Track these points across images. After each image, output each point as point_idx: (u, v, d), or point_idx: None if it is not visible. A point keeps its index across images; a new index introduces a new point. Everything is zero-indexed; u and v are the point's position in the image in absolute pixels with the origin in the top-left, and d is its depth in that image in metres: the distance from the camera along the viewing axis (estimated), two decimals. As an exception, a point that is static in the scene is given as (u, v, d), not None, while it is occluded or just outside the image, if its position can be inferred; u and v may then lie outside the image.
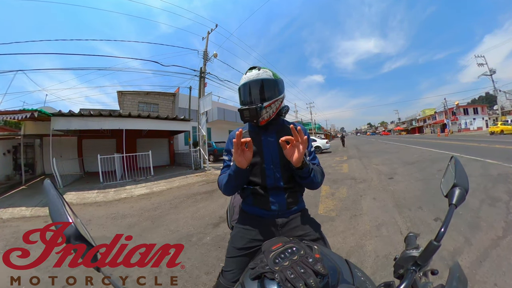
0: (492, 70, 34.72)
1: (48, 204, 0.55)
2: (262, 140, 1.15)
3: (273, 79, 1.12)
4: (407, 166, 7.62)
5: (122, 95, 17.30)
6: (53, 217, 0.54)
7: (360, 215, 3.55)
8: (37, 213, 5.15)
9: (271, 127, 1.16)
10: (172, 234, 3.40)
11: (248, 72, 1.13)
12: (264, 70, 1.12)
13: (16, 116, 6.79)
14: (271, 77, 1.11)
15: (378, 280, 1.90)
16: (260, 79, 1.09)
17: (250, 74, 1.11)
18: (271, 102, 1.10)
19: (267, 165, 1.11)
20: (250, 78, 1.11)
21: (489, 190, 4.05)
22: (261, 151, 1.13)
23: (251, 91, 1.12)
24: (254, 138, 1.14)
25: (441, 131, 40.95)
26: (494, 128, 25.98)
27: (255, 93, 1.11)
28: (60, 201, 0.55)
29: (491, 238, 2.46)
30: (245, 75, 1.13)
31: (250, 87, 1.12)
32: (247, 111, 1.08)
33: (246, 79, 1.12)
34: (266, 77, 1.10)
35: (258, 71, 1.11)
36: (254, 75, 1.10)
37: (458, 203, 0.65)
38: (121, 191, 7.04)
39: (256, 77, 1.10)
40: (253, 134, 1.18)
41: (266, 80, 1.10)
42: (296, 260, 0.59)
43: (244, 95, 1.15)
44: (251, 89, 1.12)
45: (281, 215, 1.09)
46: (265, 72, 1.11)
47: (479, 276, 1.89)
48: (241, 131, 0.96)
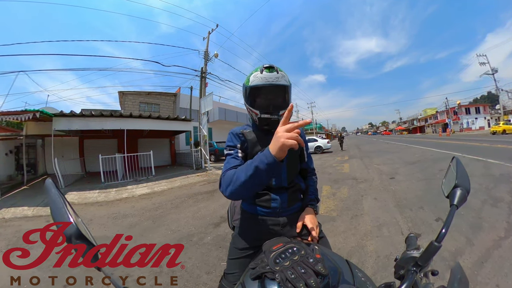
0: (494, 69, 34.58)
1: (49, 204, 0.55)
2: (268, 140, 1.09)
3: (290, 86, 1.03)
4: (408, 166, 7.60)
5: (123, 95, 17.36)
6: (54, 216, 0.54)
7: (361, 215, 3.54)
8: (39, 212, 5.18)
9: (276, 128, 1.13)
10: (173, 234, 3.40)
11: (266, 72, 0.99)
12: (282, 73, 1.00)
13: (19, 116, 6.82)
14: (288, 83, 1.02)
15: (378, 280, 1.89)
16: (281, 85, 0.99)
17: (268, 76, 0.98)
18: (285, 111, 0.92)
19: None
20: (269, 81, 0.98)
21: (491, 190, 4.03)
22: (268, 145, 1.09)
23: (268, 96, 1.02)
24: (260, 138, 1.11)
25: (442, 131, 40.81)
26: (496, 128, 25.84)
27: (274, 99, 1.02)
28: (61, 201, 0.55)
29: (493, 239, 2.44)
30: (261, 74, 0.99)
31: (269, 92, 1.01)
32: (269, 120, 1.02)
33: (264, 80, 0.98)
34: (286, 83, 1.01)
35: (278, 74, 0.98)
36: (273, 78, 0.98)
37: (460, 204, 0.64)
38: (122, 191, 7.06)
39: (277, 82, 0.98)
40: (259, 134, 1.12)
41: (286, 87, 1.01)
42: (297, 260, 0.58)
43: (262, 99, 1.03)
44: (268, 94, 1.01)
45: (282, 212, 1.07)
46: (283, 76, 1.00)
47: (480, 277, 1.88)
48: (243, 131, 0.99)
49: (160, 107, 17.98)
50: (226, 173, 0.93)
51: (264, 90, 1.00)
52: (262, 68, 0.99)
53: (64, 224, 0.53)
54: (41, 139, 11.52)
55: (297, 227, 1.02)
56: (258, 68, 1.01)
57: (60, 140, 11.11)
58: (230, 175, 0.89)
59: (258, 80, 0.98)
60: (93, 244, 0.55)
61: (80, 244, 0.53)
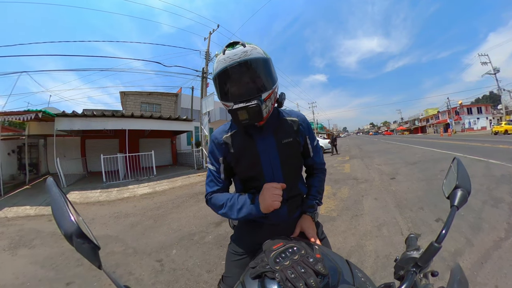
0: (496, 69, 34.40)
1: (51, 203, 0.56)
2: (258, 146, 0.92)
3: (267, 58, 0.81)
4: (409, 166, 7.58)
5: (124, 95, 17.41)
6: (55, 215, 0.54)
7: (361, 215, 3.54)
8: (41, 212, 5.21)
9: (266, 125, 0.91)
10: (174, 233, 3.42)
11: (228, 50, 0.76)
12: (252, 46, 0.78)
13: (21, 116, 6.87)
14: (263, 55, 0.80)
15: (378, 280, 1.90)
16: (251, 58, 0.76)
17: (232, 53, 0.75)
18: (270, 92, 0.81)
19: (268, 178, 0.92)
20: (234, 59, 0.75)
21: (492, 191, 4.01)
22: (258, 161, 0.92)
23: (239, 79, 0.78)
24: (245, 145, 0.93)
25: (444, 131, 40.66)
26: (498, 128, 25.68)
27: (246, 81, 0.79)
28: (62, 200, 0.56)
29: (493, 240, 2.44)
30: (223, 55, 0.76)
31: (237, 73, 0.77)
32: (244, 111, 0.76)
33: (227, 60, 0.76)
34: (258, 55, 0.78)
35: (245, 48, 0.76)
36: (239, 53, 0.75)
37: (460, 204, 0.64)
38: (123, 190, 7.08)
39: (244, 57, 0.75)
40: (243, 138, 0.93)
41: (259, 60, 0.78)
42: (297, 260, 0.59)
43: (230, 85, 0.80)
44: (238, 76, 0.78)
45: (282, 224, 1.00)
46: (254, 49, 0.78)
47: (480, 278, 1.88)
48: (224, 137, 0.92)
49: (161, 107, 18.03)
50: (212, 198, 0.96)
51: (230, 73, 0.77)
52: (224, 48, 0.79)
53: (66, 223, 0.53)
54: (43, 139, 11.58)
55: (294, 233, 0.94)
56: (221, 50, 0.80)
57: (62, 140, 11.17)
58: (218, 203, 0.92)
59: (222, 63, 0.77)
60: (94, 243, 0.56)
61: (82, 243, 0.54)
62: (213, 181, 1.00)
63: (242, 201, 0.87)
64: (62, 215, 0.54)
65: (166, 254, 2.76)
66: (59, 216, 0.54)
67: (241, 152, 0.93)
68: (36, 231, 3.92)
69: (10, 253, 3.07)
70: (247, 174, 0.96)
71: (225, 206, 0.90)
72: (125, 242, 3.16)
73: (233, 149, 0.94)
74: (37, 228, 4.06)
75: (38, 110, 6.99)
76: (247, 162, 0.93)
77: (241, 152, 0.93)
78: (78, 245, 0.54)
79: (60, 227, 0.54)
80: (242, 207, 0.86)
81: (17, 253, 3.05)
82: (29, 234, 3.77)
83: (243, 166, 0.94)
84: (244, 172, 0.96)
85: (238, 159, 0.94)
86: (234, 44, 0.78)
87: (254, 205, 0.83)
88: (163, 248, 2.91)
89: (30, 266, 2.67)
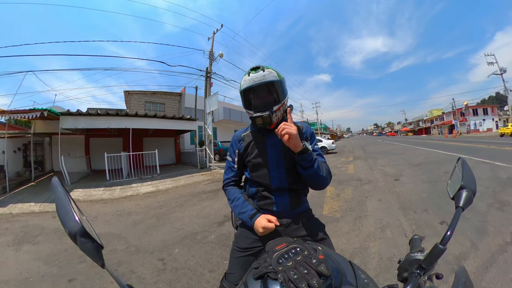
0: (503, 69, 33.94)
1: (55, 201, 0.57)
2: (266, 141, 1.13)
3: (279, 80, 1.06)
4: (413, 167, 7.51)
5: (128, 94, 17.51)
6: (59, 213, 0.55)
7: (365, 216, 3.52)
8: (45, 208, 5.27)
9: (275, 128, 1.08)
10: (177, 232, 3.43)
11: (252, 74, 1.04)
12: (269, 70, 1.05)
13: (27, 115, 6.95)
14: (277, 78, 1.05)
15: (381, 282, 1.88)
16: (267, 81, 1.03)
17: (254, 76, 1.03)
18: (280, 105, 1.06)
19: (272, 166, 1.10)
20: (255, 80, 1.03)
21: (498, 194, 3.96)
22: (265, 152, 1.12)
23: (258, 95, 1.07)
24: (257, 140, 1.16)
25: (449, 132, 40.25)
26: (504, 130, 25.33)
27: (263, 97, 1.06)
28: (66, 199, 0.57)
29: (499, 244, 2.40)
30: (248, 76, 1.04)
31: (257, 91, 1.06)
32: (259, 118, 1.03)
33: (251, 81, 1.03)
34: (273, 79, 1.04)
35: (264, 73, 1.03)
36: (259, 77, 1.02)
37: (465, 206, 0.63)
38: (127, 189, 7.13)
39: (263, 80, 1.02)
40: (257, 135, 1.17)
41: (273, 82, 1.05)
42: (300, 261, 0.58)
43: (251, 99, 1.09)
44: (258, 93, 1.06)
45: (285, 215, 1.08)
46: (270, 73, 1.04)
47: (485, 282, 1.85)
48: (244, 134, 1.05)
49: (165, 106, 18.10)
50: (226, 191, 1.23)
51: (252, 90, 1.06)
52: (249, 70, 1.06)
53: (70, 222, 0.54)
54: (48, 137, 11.73)
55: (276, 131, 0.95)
56: (247, 72, 1.08)
57: (67, 138, 11.29)
58: (229, 196, 1.18)
59: (247, 83, 1.05)
60: (97, 241, 0.56)
61: (85, 242, 0.54)
62: (229, 168, 1.26)
63: (244, 208, 1.08)
64: (67, 214, 0.55)
65: (169, 253, 2.77)
66: (64, 215, 0.55)
67: (254, 144, 1.17)
68: (40, 227, 3.97)
69: (14, 248, 3.11)
70: (256, 160, 1.14)
71: (232, 202, 1.15)
72: (127, 240, 3.18)
73: (248, 142, 1.19)
74: (41, 225, 4.10)
75: (43, 108, 7.07)
76: (257, 151, 1.15)
77: (254, 144, 1.17)
78: (81, 244, 0.54)
79: (64, 226, 0.54)
80: (242, 213, 1.08)
81: (21, 249, 3.09)
82: (33, 231, 3.81)
83: (254, 154, 1.16)
84: (254, 158, 1.15)
85: (250, 149, 1.17)
86: (256, 68, 1.05)
87: (250, 220, 1.03)
88: (166, 247, 2.92)
89: (34, 262, 2.70)
